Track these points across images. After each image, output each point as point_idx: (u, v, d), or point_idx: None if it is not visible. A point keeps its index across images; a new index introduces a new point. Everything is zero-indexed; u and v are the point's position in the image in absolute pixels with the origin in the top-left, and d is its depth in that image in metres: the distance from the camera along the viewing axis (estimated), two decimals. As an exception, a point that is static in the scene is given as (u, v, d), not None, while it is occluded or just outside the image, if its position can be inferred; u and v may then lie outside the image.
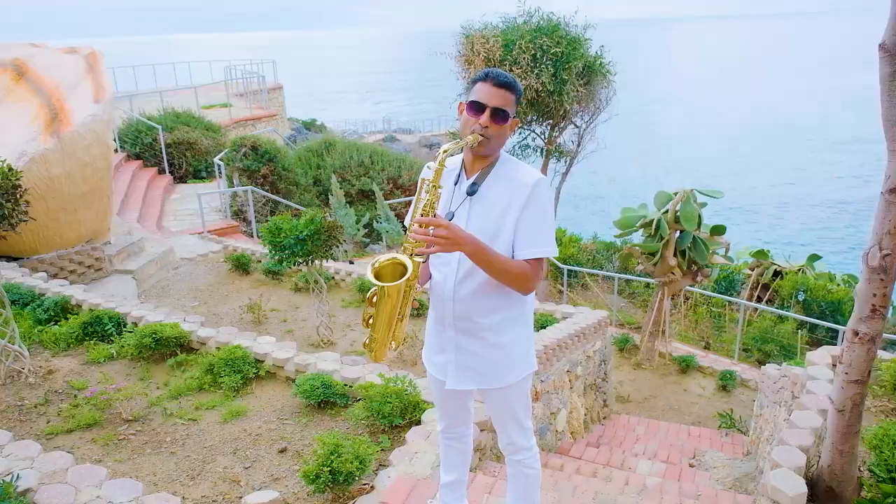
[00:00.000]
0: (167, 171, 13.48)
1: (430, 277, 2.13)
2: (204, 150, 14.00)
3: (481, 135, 1.92)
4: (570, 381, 5.92)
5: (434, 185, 1.89)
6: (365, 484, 3.18)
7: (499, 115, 1.92)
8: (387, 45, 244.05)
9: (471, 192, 2.00)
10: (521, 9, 10.41)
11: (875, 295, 2.26)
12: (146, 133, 13.56)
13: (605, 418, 7.09)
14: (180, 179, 13.69)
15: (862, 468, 2.80)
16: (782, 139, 43.96)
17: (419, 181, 1.96)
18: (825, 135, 44.71)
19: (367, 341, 1.99)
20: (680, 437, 6.64)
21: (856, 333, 2.36)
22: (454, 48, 10.67)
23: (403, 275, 1.85)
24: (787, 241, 24.25)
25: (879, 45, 2.09)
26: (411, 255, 1.86)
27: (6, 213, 3.93)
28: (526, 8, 10.42)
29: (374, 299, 1.92)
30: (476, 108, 1.93)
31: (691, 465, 5.38)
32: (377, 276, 1.87)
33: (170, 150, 13.62)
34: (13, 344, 4.35)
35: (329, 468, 2.97)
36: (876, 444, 2.65)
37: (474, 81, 1.97)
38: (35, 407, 4.09)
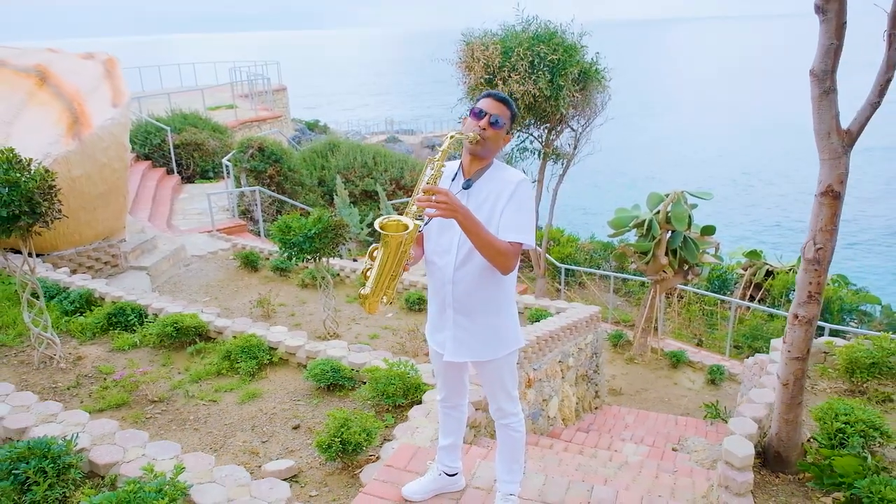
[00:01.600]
0: (175, 171, 13.84)
1: (423, 255, 2.51)
2: (211, 150, 14.35)
3: (479, 135, 2.33)
4: (561, 370, 6.28)
5: (439, 164, 2.26)
6: (371, 455, 3.55)
7: (494, 122, 2.34)
8: (387, 46, 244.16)
9: (466, 186, 2.40)
10: (519, 17, 10.75)
11: (811, 283, 2.63)
12: (155, 134, 13.90)
13: (596, 408, 7.45)
14: (188, 180, 14.04)
15: (811, 440, 3.16)
16: (783, 139, 44.24)
17: (425, 163, 2.33)
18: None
19: (361, 292, 2.25)
20: (667, 426, 6.98)
21: (796, 317, 2.72)
22: (455, 54, 10.99)
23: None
24: (780, 239, 24.59)
25: (810, 71, 2.45)
26: (414, 219, 2.19)
27: (43, 210, 4.28)
28: (524, 16, 10.77)
29: (375, 253, 2.22)
30: (478, 114, 2.37)
31: (674, 450, 5.73)
32: (382, 230, 2.16)
33: (178, 150, 13.98)
34: (46, 332, 4.73)
35: (340, 439, 3.34)
36: (821, 416, 3.03)
37: (478, 99, 2.41)
38: (68, 389, 4.47)
